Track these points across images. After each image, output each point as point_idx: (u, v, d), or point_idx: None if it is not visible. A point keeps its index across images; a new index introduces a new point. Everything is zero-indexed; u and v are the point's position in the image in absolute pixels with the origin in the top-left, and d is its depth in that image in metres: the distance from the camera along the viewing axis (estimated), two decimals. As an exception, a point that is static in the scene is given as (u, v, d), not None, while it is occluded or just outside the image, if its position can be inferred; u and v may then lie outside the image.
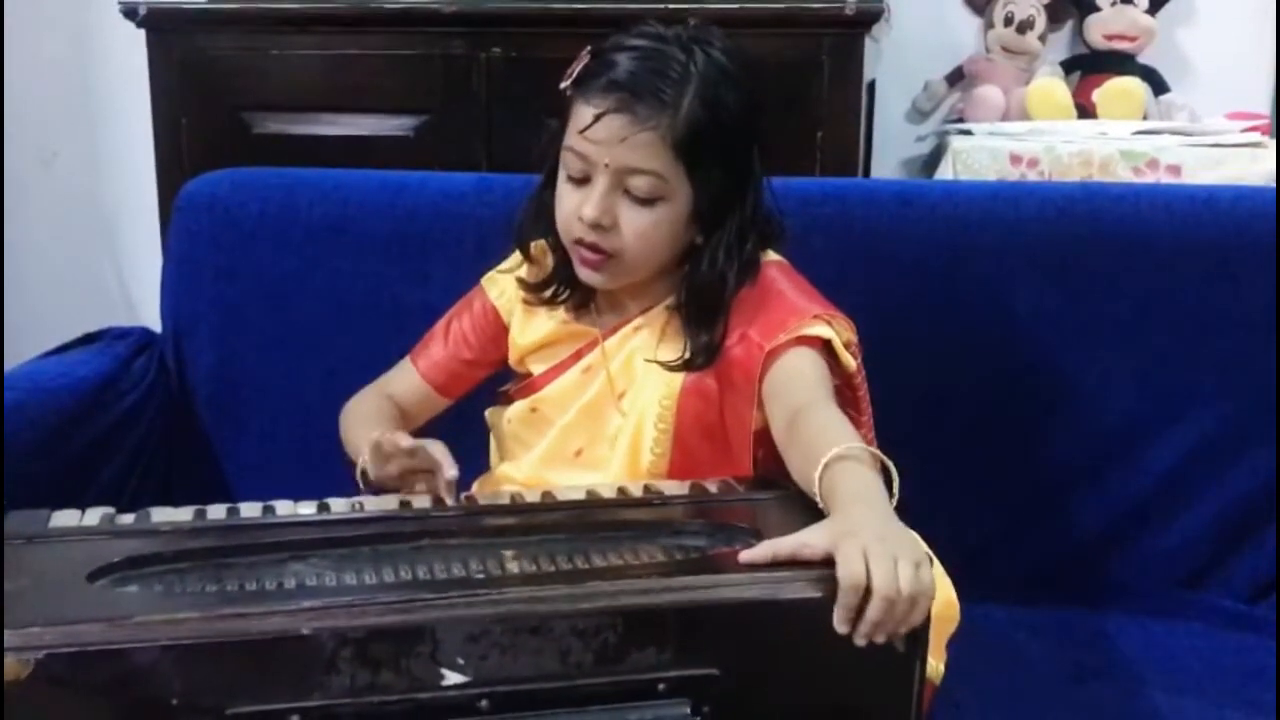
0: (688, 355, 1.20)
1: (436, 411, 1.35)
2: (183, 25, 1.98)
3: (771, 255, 1.26)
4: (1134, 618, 1.46)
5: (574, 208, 1.18)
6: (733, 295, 1.20)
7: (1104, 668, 1.37)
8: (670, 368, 1.21)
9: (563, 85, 1.19)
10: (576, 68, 1.18)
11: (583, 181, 1.17)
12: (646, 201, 1.16)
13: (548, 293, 1.28)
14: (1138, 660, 1.38)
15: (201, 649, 0.78)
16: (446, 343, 1.33)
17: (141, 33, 1.98)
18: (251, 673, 0.79)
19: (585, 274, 1.21)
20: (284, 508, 1.04)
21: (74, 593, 0.83)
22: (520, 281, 1.30)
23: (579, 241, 1.19)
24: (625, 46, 1.16)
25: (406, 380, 1.34)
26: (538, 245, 1.29)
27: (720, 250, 1.19)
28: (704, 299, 1.20)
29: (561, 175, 1.20)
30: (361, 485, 1.17)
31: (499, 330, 1.32)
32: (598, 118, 1.13)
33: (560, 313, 1.28)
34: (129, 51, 2.04)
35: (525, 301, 1.30)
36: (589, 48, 1.18)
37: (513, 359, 1.32)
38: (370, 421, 1.25)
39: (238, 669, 0.79)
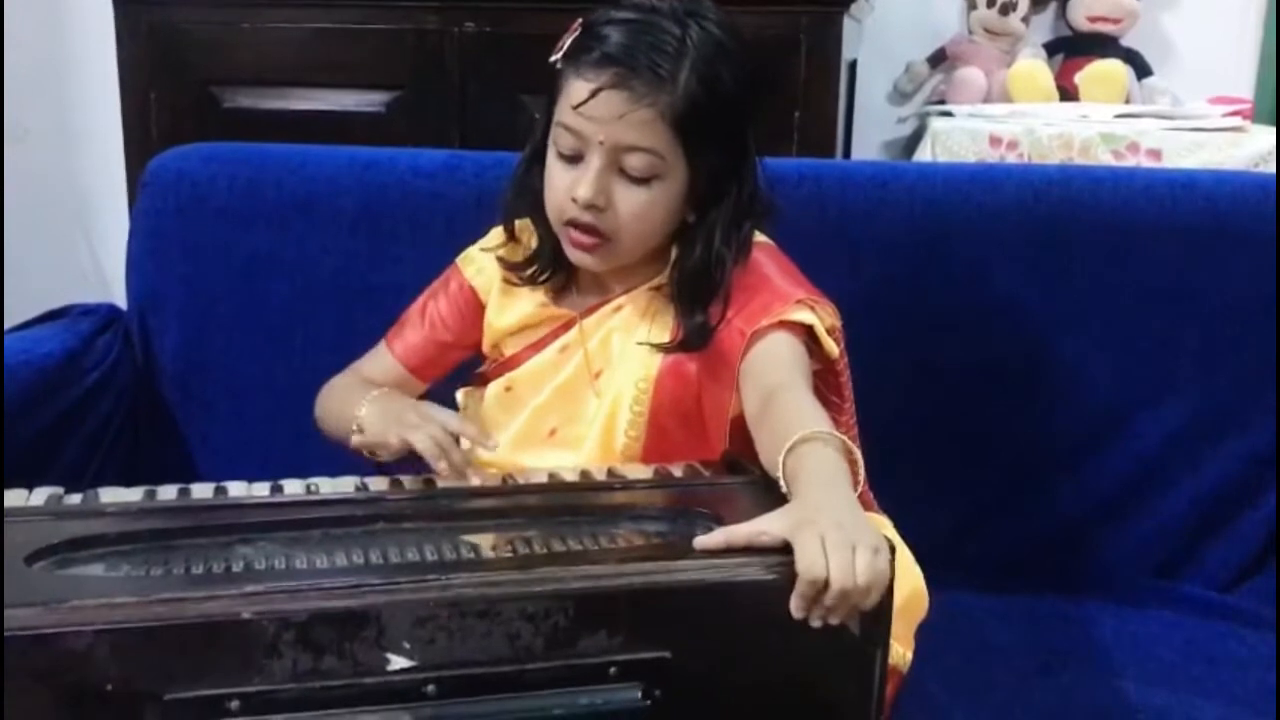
0: (682, 336, 1.18)
1: (413, 397, 1.31)
2: (151, -3, 1.96)
3: (760, 237, 1.24)
4: (1107, 606, 1.45)
5: (566, 187, 1.15)
6: (729, 275, 1.17)
7: (1075, 656, 1.36)
8: (665, 349, 1.18)
9: (553, 59, 1.16)
10: (567, 40, 1.15)
11: (574, 159, 1.15)
12: (642, 180, 1.14)
13: (529, 272, 1.25)
14: (1109, 649, 1.37)
15: (137, 633, 0.76)
16: (423, 325, 1.29)
17: (110, 5, 1.95)
18: (190, 657, 0.77)
19: (577, 256, 1.19)
20: (236, 489, 1.02)
21: (10, 576, 0.80)
22: (501, 261, 1.27)
23: (571, 223, 1.16)
24: (617, 19, 1.13)
25: (381, 364, 1.30)
26: (522, 224, 1.26)
27: (716, 231, 1.17)
28: (699, 280, 1.17)
29: (551, 153, 1.17)
30: (366, 457, 1.16)
31: (476, 310, 1.29)
32: (594, 93, 1.11)
33: (540, 295, 1.26)
34: (99, 25, 2.02)
35: (506, 281, 1.27)
36: (580, 19, 1.15)
37: (487, 342, 1.29)
38: (356, 397, 1.21)
39: (175, 654, 0.77)
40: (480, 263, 1.29)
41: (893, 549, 0.87)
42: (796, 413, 1.02)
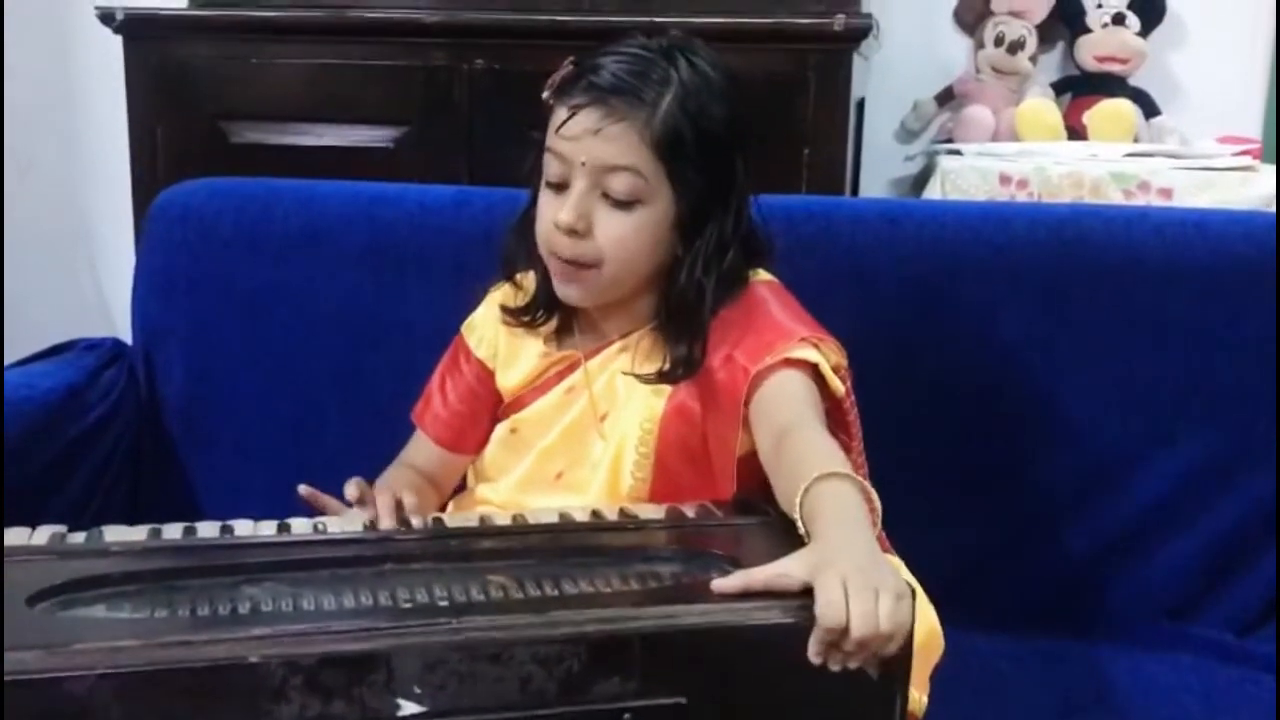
0: (666, 367, 1.17)
1: (462, 469, 1.32)
2: (160, 32, 1.96)
3: (762, 274, 1.23)
4: (1122, 649, 1.43)
5: (552, 214, 1.15)
6: (713, 308, 1.17)
7: (1091, 700, 1.34)
8: (648, 380, 1.18)
9: (545, 94, 1.17)
10: (558, 76, 1.16)
11: (561, 187, 1.15)
12: (625, 204, 1.13)
13: (529, 317, 1.25)
14: (1126, 693, 1.35)
15: (141, 677, 0.74)
16: (445, 402, 1.30)
17: (119, 39, 1.95)
18: (195, 702, 0.75)
19: (564, 291, 1.18)
20: (243, 528, 1.01)
21: (12, 617, 0.79)
22: (503, 308, 1.27)
23: (556, 251, 1.16)
24: (608, 53, 1.15)
25: (423, 450, 1.30)
26: (523, 271, 1.26)
27: (699, 261, 1.16)
28: (682, 311, 1.17)
29: (542, 186, 1.18)
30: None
31: (488, 377, 1.29)
32: (573, 111, 1.12)
33: (540, 344, 1.26)
34: (107, 58, 2.02)
35: (506, 323, 1.27)
36: (572, 57, 1.17)
37: (506, 399, 1.29)
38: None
39: (180, 698, 0.75)
40: (481, 330, 1.29)
41: (913, 593, 0.86)
42: (811, 451, 1.01)
